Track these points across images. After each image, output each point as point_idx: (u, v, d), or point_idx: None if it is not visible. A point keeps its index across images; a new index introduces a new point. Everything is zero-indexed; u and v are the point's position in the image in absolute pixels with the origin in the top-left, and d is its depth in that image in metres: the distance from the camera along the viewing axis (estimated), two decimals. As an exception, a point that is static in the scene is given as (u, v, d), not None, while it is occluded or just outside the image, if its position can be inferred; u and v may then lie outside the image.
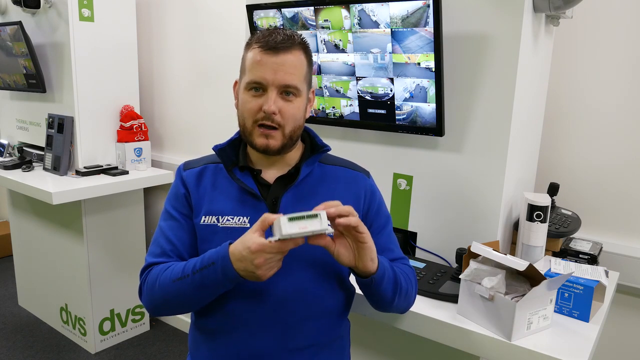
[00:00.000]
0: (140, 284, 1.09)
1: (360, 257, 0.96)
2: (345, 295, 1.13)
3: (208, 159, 1.15)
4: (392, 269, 1.04)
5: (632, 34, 1.48)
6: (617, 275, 1.42)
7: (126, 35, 2.53)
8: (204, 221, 1.06)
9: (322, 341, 1.09)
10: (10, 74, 2.58)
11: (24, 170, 2.48)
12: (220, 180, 1.10)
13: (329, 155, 1.17)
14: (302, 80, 1.04)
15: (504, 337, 1.07)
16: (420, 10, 1.23)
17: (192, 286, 0.97)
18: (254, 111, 1.02)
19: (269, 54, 1.01)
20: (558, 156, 1.64)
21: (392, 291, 1.03)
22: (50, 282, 2.75)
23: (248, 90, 1.04)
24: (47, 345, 2.64)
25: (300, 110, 1.06)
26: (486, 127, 1.30)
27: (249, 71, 1.03)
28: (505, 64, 1.25)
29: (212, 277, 0.95)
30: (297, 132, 1.07)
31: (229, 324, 1.05)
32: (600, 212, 1.58)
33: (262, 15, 1.52)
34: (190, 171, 1.13)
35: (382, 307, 1.09)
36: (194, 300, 1.01)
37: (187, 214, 1.09)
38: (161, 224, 1.12)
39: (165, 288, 1.01)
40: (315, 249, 1.04)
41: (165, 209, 1.12)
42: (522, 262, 1.05)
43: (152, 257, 1.08)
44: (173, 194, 1.13)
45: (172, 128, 2.76)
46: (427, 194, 1.43)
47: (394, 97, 1.38)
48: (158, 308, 1.06)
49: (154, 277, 1.04)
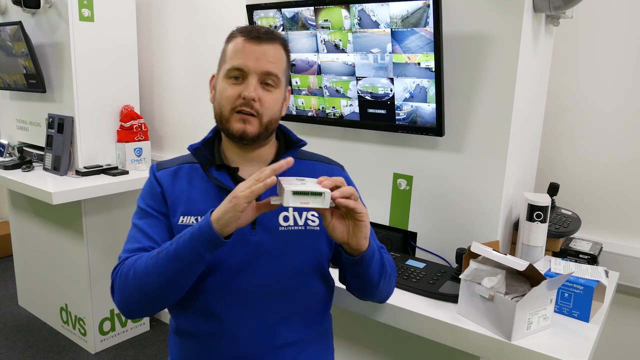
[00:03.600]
0: (112, 281, 1.02)
1: (355, 235, 0.95)
2: (327, 288, 1.13)
3: (182, 159, 1.14)
4: (379, 253, 1.05)
5: (632, 34, 1.48)
6: (617, 275, 1.42)
7: (126, 35, 2.53)
8: (182, 221, 1.04)
9: (308, 336, 1.09)
10: (10, 74, 2.58)
11: (24, 170, 2.48)
12: (196, 180, 1.08)
13: (303, 150, 1.17)
14: (282, 72, 1.05)
15: (504, 337, 1.07)
16: (420, 10, 1.23)
17: (167, 258, 0.92)
18: (232, 98, 1.02)
19: (252, 43, 1.02)
20: (558, 156, 1.64)
21: (379, 273, 1.03)
22: (50, 282, 2.75)
23: (228, 79, 1.03)
24: (47, 345, 2.64)
25: (278, 102, 1.06)
26: (486, 127, 1.30)
27: (230, 59, 1.03)
28: (505, 64, 1.25)
29: (187, 242, 0.91)
30: (274, 125, 1.07)
31: (212, 326, 1.03)
32: (600, 212, 1.58)
33: (262, 15, 1.52)
34: (164, 171, 1.11)
35: (368, 291, 1.08)
36: (170, 279, 0.94)
37: (165, 212, 1.07)
38: (135, 222, 1.07)
39: (140, 271, 0.95)
40: (296, 246, 1.06)
41: (139, 207, 1.09)
42: (522, 262, 1.05)
43: (128, 253, 1.03)
44: (148, 192, 1.10)
45: (172, 128, 2.76)
46: (427, 194, 1.43)
47: (394, 97, 1.38)
48: (132, 300, 0.98)
49: (130, 264, 0.98)
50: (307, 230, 1.07)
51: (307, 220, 1.07)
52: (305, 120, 1.60)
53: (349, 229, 0.95)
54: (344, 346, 1.58)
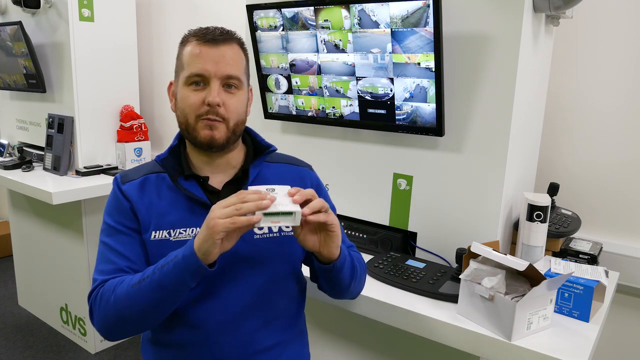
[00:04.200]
0: (90, 304, 0.98)
1: (327, 244, 0.95)
2: (300, 289, 1.14)
3: (146, 169, 1.09)
4: (349, 255, 1.05)
5: (632, 34, 1.48)
6: (617, 275, 1.42)
7: (126, 35, 2.53)
8: (155, 236, 1.01)
9: (284, 339, 1.09)
10: (10, 74, 2.58)
11: (24, 170, 2.48)
12: (164, 191, 1.04)
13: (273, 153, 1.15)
14: (242, 73, 1.04)
15: (504, 337, 1.07)
16: (420, 10, 1.23)
17: (150, 288, 0.91)
18: (196, 105, 0.99)
19: (208, 46, 0.99)
20: (558, 156, 1.64)
21: (350, 276, 1.04)
22: (50, 282, 2.75)
23: (188, 85, 1.00)
24: (47, 345, 2.64)
25: (242, 103, 1.04)
26: (486, 127, 1.30)
27: (188, 65, 1.00)
28: (505, 64, 1.25)
29: (171, 272, 0.90)
30: (240, 127, 1.05)
31: (192, 335, 1.02)
32: (600, 212, 1.58)
33: (262, 15, 1.52)
34: (130, 184, 1.05)
35: (339, 292, 1.09)
36: (152, 308, 0.93)
37: (136, 228, 1.02)
38: (105, 240, 1.02)
39: (122, 298, 0.93)
40: (272, 253, 1.05)
41: (107, 224, 1.03)
42: (522, 262, 1.05)
43: (104, 275, 0.98)
44: (114, 208, 1.04)
45: (172, 128, 2.76)
46: (427, 194, 1.43)
47: (394, 97, 1.38)
48: (113, 325, 0.96)
49: (110, 289, 0.95)
50: (282, 236, 1.06)
51: (281, 227, 1.06)
52: (305, 120, 1.60)
53: (320, 239, 0.95)
54: (343, 346, 1.58)
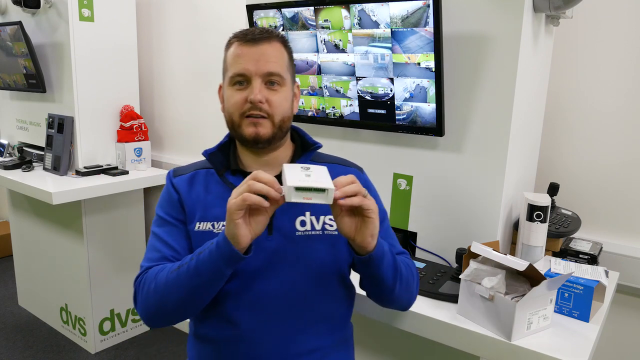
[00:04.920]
0: (134, 290, 1.03)
1: (362, 231, 0.91)
2: (347, 293, 1.11)
3: (197, 165, 1.13)
4: (392, 255, 1.01)
5: (632, 34, 1.48)
6: (617, 275, 1.42)
7: (126, 35, 2.53)
8: (199, 227, 1.04)
9: (326, 345, 1.07)
10: (10, 74, 2.58)
11: (24, 170, 2.48)
12: (212, 186, 1.08)
13: (320, 153, 1.16)
14: (285, 70, 1.04)
15: (504, 337, 1.07)
16: (420, 10, 1.23)
17: (187, 274, 0.93)
18: (239, 104, 1.02)
19: (248, 46, 1.01)
20: (558, 156, 1.64)
21: (392, 277, 1.00)
22: (50, 282, 2.76)
23: (232, 85, 1.03)
24: (47, 345, 2.64)
25: (287, 100, 1.05)
26: (486, 127, 1.30)
27: (230, 66, 1.03)
28: (505, 64, 1.25)
29: (207, 259, 0.91)
30: (287, 123, 1.06)
31: (230, 332, 1.02)
32: (600, 212, 1.58)
33: (262, 15, 1.52)
34: (180, 177, 1.10)
35: (385, 295, 1.04)
36: (189, 295, 0.95)
37: (183, 219, 1.06)
38: (155, 230, 1.07)
39: (161, 284, 0.96)
40: (314, 251, 1.03)
41: (157, 215, 1.09)
42: (522, 262, 1.05)
43: (150, 262, 1.03)
44: (165, 200, 1.09)
45: (172, 128, 2.76)
46: (427, 194, 1.43)
47: (394, 97, 1.38)
48: (153, 311, 0.99)
49: (151, 276, 0.99)
50: (324, 234, 1.05)
51: (325, 224, 1.05)
52: (305, 120, 1.60)
53: (356, 225, 0.91)
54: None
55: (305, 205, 1.04)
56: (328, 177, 0.88)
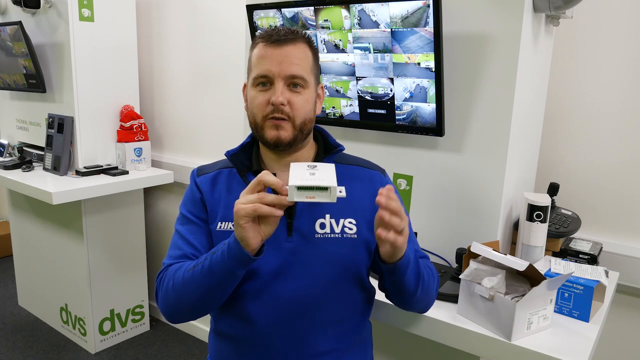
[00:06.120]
0: (156, 287, 1.06)
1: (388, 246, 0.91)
2: (366, 297, 1.11)
3: (222, 164, 1.15)
4: (416, 261, 1.01)
5: (632, 34, 1.48)
6: (617, 275, 1.42)
7: (126, 35, 2.53)
8: (220, 227, 1.05)
9: (344, 345, 1.07)
10: (10, 74, 2.58)
11: (24, 170, 2.48)
12: (234, 185, 1.09)
13: (344, 154, 1.16)
14: (308, 72, 1.04)
15: (504, 337, 1.07)
16: (420, 10, 1.23)
17: (202, 274, 0.95)
18: (262, 105, 1.02)
19: (272, 47, 1.01)
20: (558, 156, 1.64)
21: (415, 284, 1.01)
22: (50, 282, 2.75)
23: (255, 86, 1.03)
24: (47, 345, 2.64)
25: (309, 102, 1.05)
26: (486, 127, 1.30)
27: (254, 67, 1.03)
28: (505, 64, 1.25)
29: (219, 259, 0.93)
30: (309, 126, 1.06)
31: (247, 330, 1.03)
32: (600, 212, 1.58)
33: (262, 15, 1.52)
34: (204, 176, 1.12)
35: (406, 300, 1.05)
36: (204, 293, 0.96)
37: (205, 218, 1.08)
38: (178, 228, 1.10)
39: (179, 282, 0.98)
40: (332, 254, 1.03)
41: (181, 213, 1.11)
42: (522, 262, 1.05)
43: (171, 259, 1.06)
44: (189, 198, 1.12)
45: (172, 128, 2.76)
46: (427, 194, 1.43)
47: (394, 97, 1.38)
48: (173, 307, 1.02)
49: (171, 274, 1.01)
50: (344, 238, 1.05)
51: (344, 227, 1.05)
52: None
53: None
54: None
55: (325, 208, 1.05)
56: (333, 175, 0.88)
